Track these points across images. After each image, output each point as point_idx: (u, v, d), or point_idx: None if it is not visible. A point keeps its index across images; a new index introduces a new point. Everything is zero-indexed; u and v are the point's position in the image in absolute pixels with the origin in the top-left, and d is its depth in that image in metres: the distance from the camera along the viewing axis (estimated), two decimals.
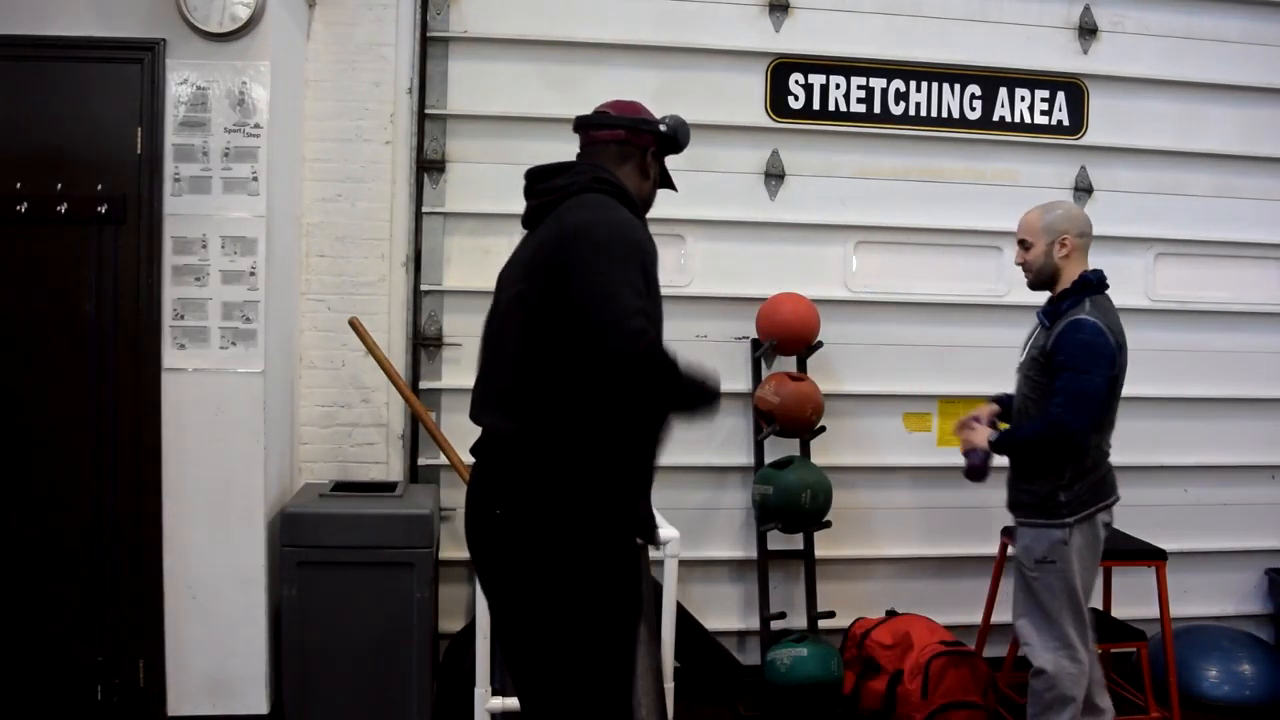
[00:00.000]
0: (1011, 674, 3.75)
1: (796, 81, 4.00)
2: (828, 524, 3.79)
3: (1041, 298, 3.09)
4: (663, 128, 2.26)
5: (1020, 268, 3.07)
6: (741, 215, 3.98)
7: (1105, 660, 3.96)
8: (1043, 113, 4.12)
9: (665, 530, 3.29)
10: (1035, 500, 2.97)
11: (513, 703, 3.02)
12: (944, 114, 4.07)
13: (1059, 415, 2.85)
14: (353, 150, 3.69)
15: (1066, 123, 4.14)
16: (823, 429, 3.85)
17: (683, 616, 3.58)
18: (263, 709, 3.30)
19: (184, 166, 3.21)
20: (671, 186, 2.35)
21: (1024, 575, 3.01)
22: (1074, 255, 2.99)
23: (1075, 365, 2.87)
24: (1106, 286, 3.01)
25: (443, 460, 3.63)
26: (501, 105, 3.83)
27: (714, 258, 3.99)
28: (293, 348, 3.64)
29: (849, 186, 4.05)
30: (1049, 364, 2.91)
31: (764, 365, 3.95)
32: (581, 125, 2.31)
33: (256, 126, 3.23)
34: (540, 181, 2.24)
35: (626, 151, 2.24)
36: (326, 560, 3.18)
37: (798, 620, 3.91)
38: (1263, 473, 4.31)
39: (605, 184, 2.15)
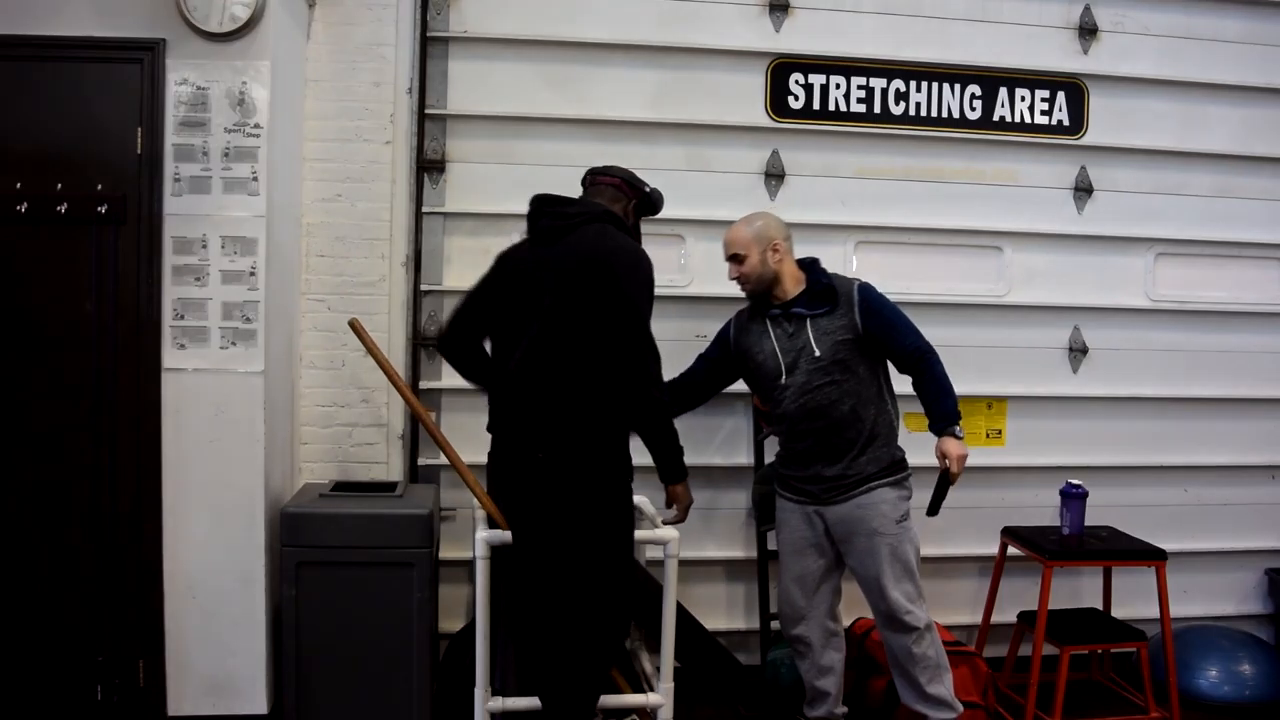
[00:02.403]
0: (1012, 674, 3.75)
1: (796, 81, 4.00)
2: None
3: None
4: (647, 189, 3.04)
5: (737, 280, 3.29)
6: (741, 215, 3.97)
7: (1105, 660, 3.97)
8: (1043, 113, 4.12)
9: (665, 530, 3.30)
10: (884, 464, 3.16)
11: (513, 703, 3.02)
12: (944, 114, 4.07)
13: (930, 350, 3.16)
14: (353, 150, 3.69)
15: (1066, 123, 4.14)
16: None
17: (683, 616, 3.58)
18: (263, 709, 3.30)
19: (184, 166, 3.21)
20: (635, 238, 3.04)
21: (885, 542, 3.12)
22: (786, 258, 3.25)
23: (897, 314, 3.20)
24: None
25: (443, 460, 3.61)
26: (501, 105, 3.83)
27: (714, 258, 3.96)
28: (293, 348, 3.64)
29: (849, 186, 4.05)
30: (863, 335, 3.13)
31: None
32: (589, 173, 3.09)
33: (256, 126, 3.23)
34: (553, 206, 2.93)
35: (618, 195, 3.00)
36: (326, 560, 3.18)
37: None
38: (1263, 473, 4.31)
39: (614, 217, 2.92)
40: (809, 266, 3.29)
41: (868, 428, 3.17)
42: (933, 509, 3.16)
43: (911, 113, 4.06)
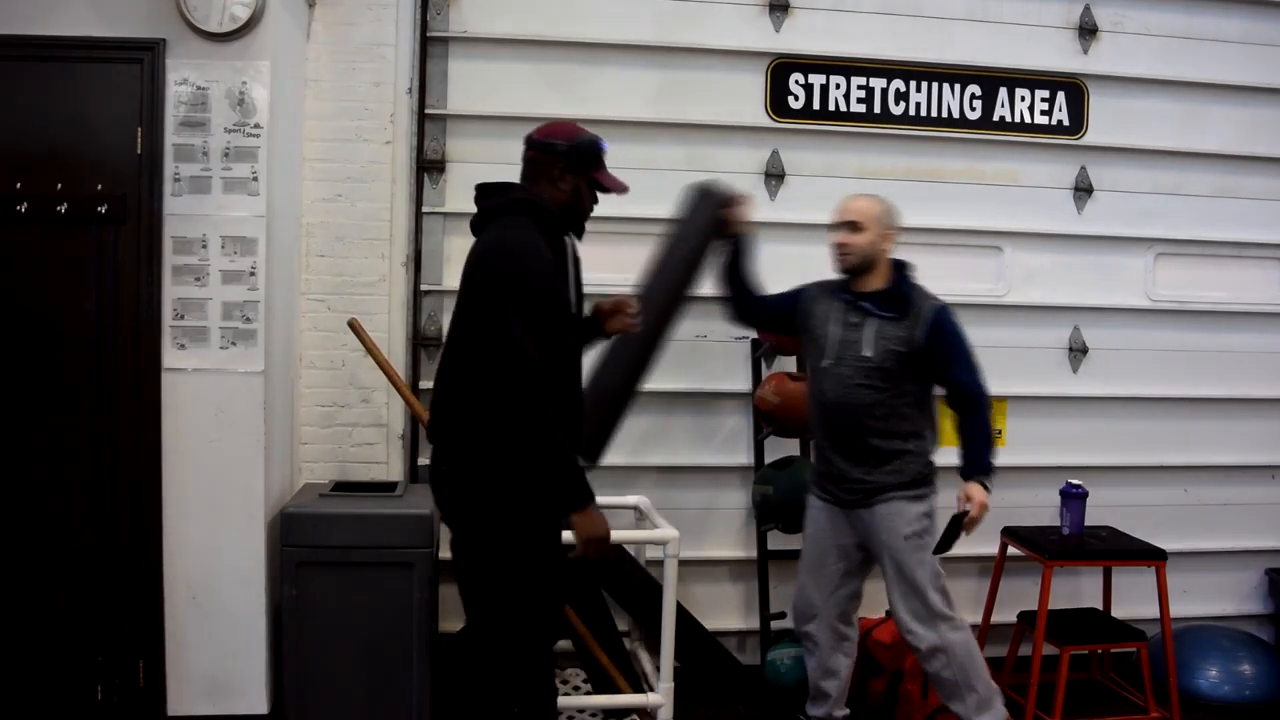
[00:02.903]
0: (1012, 674, 3.75)
1: (796, 81, 4.00)
2: None
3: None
4: (561, 147, 2.60)
5: (839, 247, 3.15)
6: None
7: (1105, 660, 3.97)
8: (1043, 113, 4.12)
9: (665, 530, 3.31)
10: (905, 476, 3.03)
11: None
12: (944, 114, 4.07)
13: (982, 394, 3.00)
14: (353, 150, 3.69)
15: (1066, 123, 4.14)
16: None
17: (683, 616, 3.58)
18: (263, 709, 3.30)
19: (184, 166, 3.21)
20: (605, 191, 2.67)
21: (891, 556, 3.04)
22: (889, 251, 3.14)
23: (965, 345, 3.04)
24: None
25: None
26: (501, 105, 3.83)
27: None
28: (293, 348, 3.64)
29: (849, 186, 4.01)
30: (917, 353, 2.99)
31: (764, 365, 3.95)
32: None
33: (256, 126, 3.23)
34: (481, 198, 2.65)
35: (537, 169, 2.62)
36: (326, 560, 3.18)
37: None
38: (1263, 473, 4.31)
39: (522, 204, 2.56)
40: (898, 268, 3.13)
41: (896, 443, 3.03)
42: (942, 547, 3.04)
43: (911, 113, 4.06)
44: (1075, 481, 3.73)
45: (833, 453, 3.12)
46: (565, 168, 2.60)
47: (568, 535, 2.56)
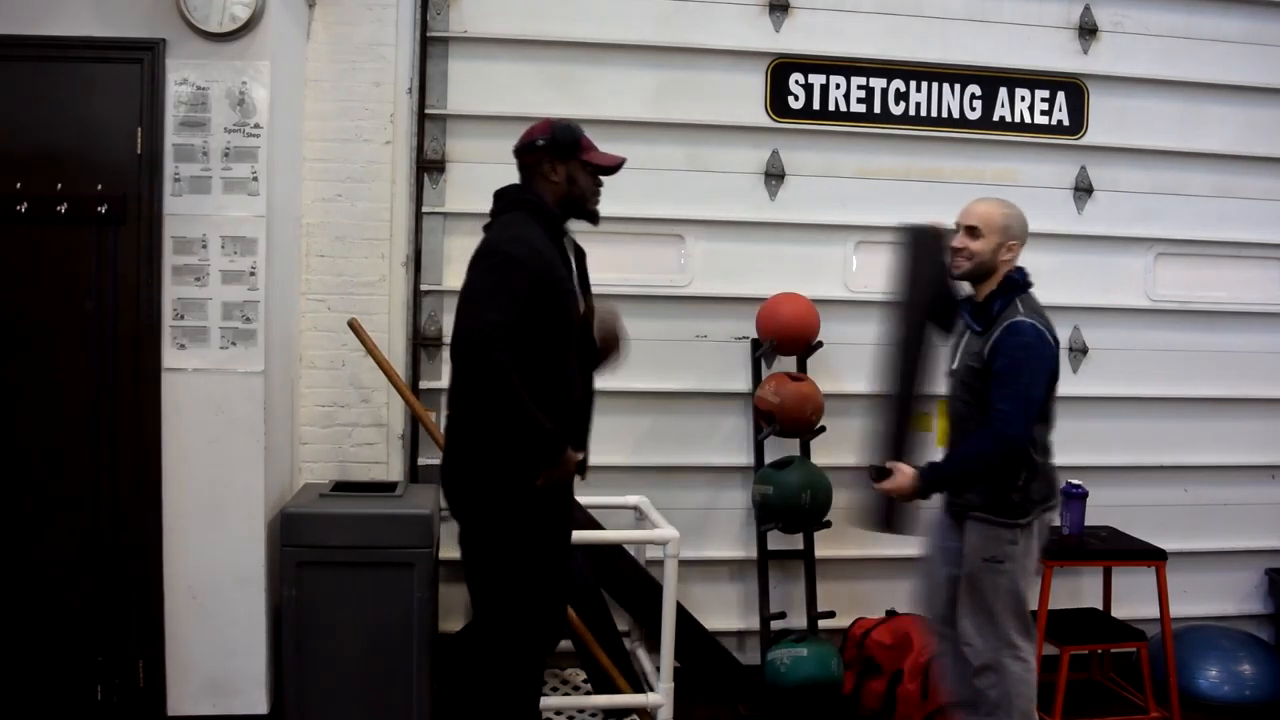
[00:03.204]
0: None
1: (796, 81, 4.00)
2: (828, 524, 3.79)
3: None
4: (540, 142, 2.64)
5: (955, 251, 2.94)
6: (741, 215, 3.98)
7: (1105, 660, 3.97)
8: (1043, 113, 4.12)
9: (665, 530, 3.30)
10: (988, 499, 2.88)
11: None
12: (944, 114, 4.07)
13: (1001, 429, 2.76)
14: (353, 150, 3.69)
15: (1066, 123, 4.14)
16: (823, 429, 3.85)
17: (683, 616, 3.58)
18: (263, 709, 3.30)
19: (184, 166, 3.21)
20: (601, 171, 2.68)
21: (967, 574, 2.94)
22: (1008, 264, 2.91)
23: (1015, 370, 2.77)
24: (1031, 285, 2.93)
25: None
26: (501, 105, 3.83)
27: (714, 258, 3.99)
28: (293, 348, 3.64)
29: (849, 186, 4.05)
30: (987, 370, 2.82)
31: (764, 365, 3.95)
32: None
33: (256, 126, 3.23)
34: (493, 203, 2.70)
35: (530, 171, 2.67)
36: (326, 560, 3.18)
37: (798, 620, 3.91)
38: (1263, 473, 4.31)
39: (522, 203, 2.63)
40: (1008, 284, 2.90)
41: None
42: (884, 525, 2.96)
43: (911, 113, 4.06)
44: (1075, 481, 3.73)
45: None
46: (552, 159, 2.64)
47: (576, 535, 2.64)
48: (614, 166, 2.69)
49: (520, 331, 2.44)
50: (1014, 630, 2.90)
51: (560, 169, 2.64)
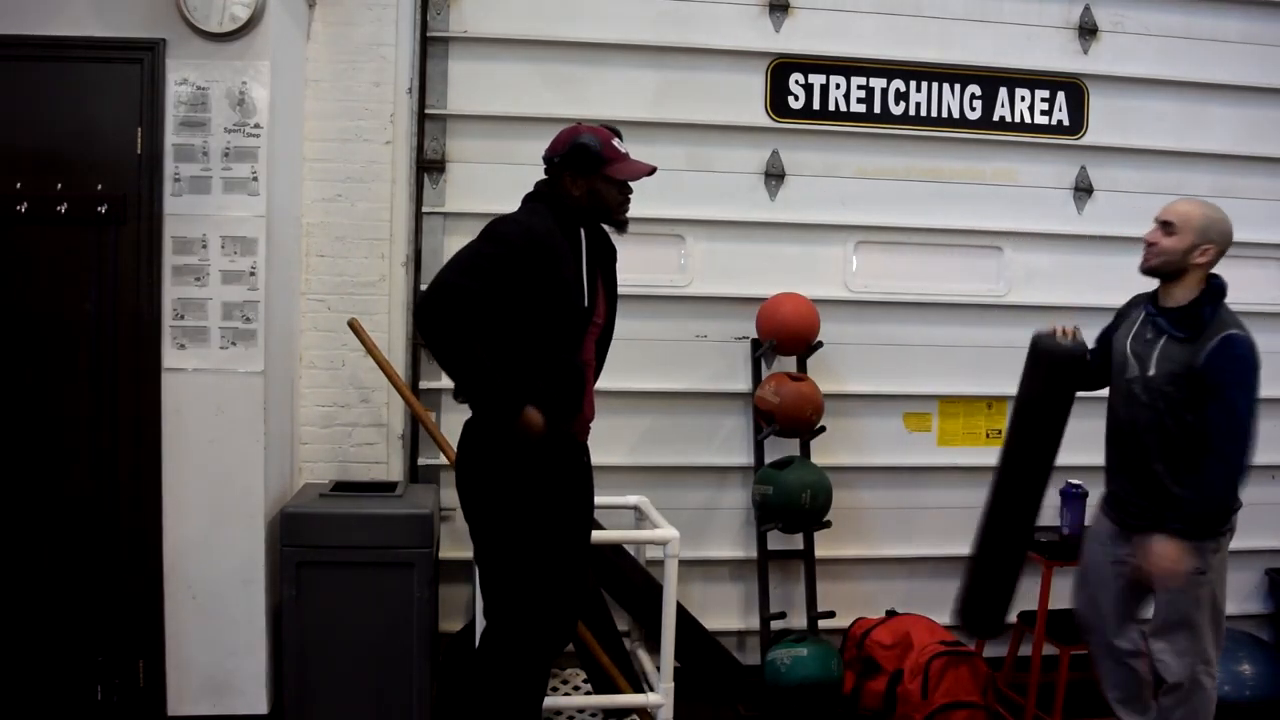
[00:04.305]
0: (1013, 674, 3.75)
1: (796, 81, 4.00)
2: (828, 524, 3.80)
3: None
4: (558, 160, 2.67)
5: (1147, 245, 2.89)
6: (741, 215, 3.98)
7: None
8: (1043, 113, 4.12)
9: (665, 530, 3.30)
10: (1187, 517, 2.77)
11: None
12: (944, 114, 4.07)
13: (1236, 448, 2.72)
14: (353, 150, 3.69)
15: (1066, 123, 4.14)
16: (823, 429, 3.85)
17: (683, 616, 3.58)
18: (263, 709, 3.30)
19: (184, 166, 3.21)
20: (627, 185, 2.75)
21: (1165, 589, 2.82)
22: (1204, 268, 2.83)
23: (1241, 384, 2.73)
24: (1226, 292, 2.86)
25: (443, 460, 3.63)
26: (501, 105, 3.83)
27: (714, 258, 3.99)
28: (293, 348, 3.64)
29: (849, 186, 4.05)
30: (1194, 377, 2.72)
31: (764, 365, 3.95)
32: None
33: (256, 126, 3.23)
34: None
35: (554, 175, 2.70)
36: (326, 560, 3.18)
37: (798, 620, 3.91)
38: (1263, 473, 4.29)
39: (541, 197, 2.68)
40: (1210, 286, 2.84)
41: (1172, 482, 2.81)
42: None
43: (911, 113, 4.06)
44: (1075, 481, 3.73)
45: (1118, 473, 2.98)
46: (573, 174, 2.66)
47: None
48: (636, 177, 2.72)
49: (496, 304, 2.49)
50: (1211, 645, 2.83)
51: (581, 183, 2.66)
